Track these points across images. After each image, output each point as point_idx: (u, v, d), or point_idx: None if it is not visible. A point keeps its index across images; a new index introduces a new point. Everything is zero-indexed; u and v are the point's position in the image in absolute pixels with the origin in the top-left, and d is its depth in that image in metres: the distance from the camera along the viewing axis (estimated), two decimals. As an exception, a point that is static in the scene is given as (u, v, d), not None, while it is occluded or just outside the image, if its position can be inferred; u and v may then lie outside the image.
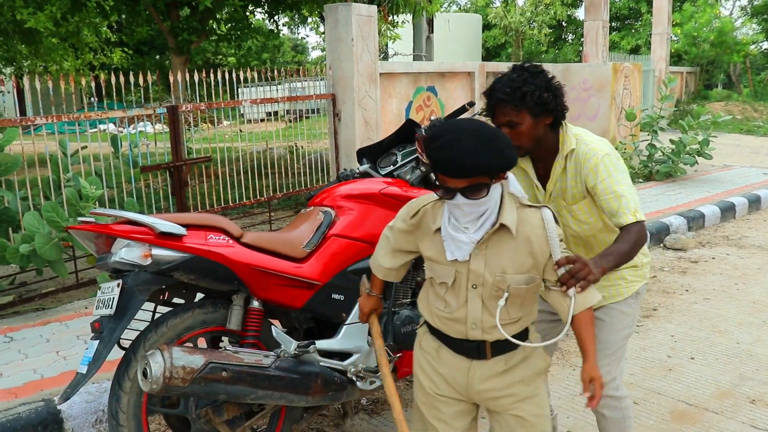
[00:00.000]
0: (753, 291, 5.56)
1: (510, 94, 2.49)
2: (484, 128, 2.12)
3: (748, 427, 3.44)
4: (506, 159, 2.09)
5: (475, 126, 2.13)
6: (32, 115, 5.24)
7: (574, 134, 2.63)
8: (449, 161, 2.06)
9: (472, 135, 2.08)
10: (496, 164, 2.07)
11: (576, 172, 2.61)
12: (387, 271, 2.53)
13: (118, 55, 15.83)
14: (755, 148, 14.72)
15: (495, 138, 2.10)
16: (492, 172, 2.09)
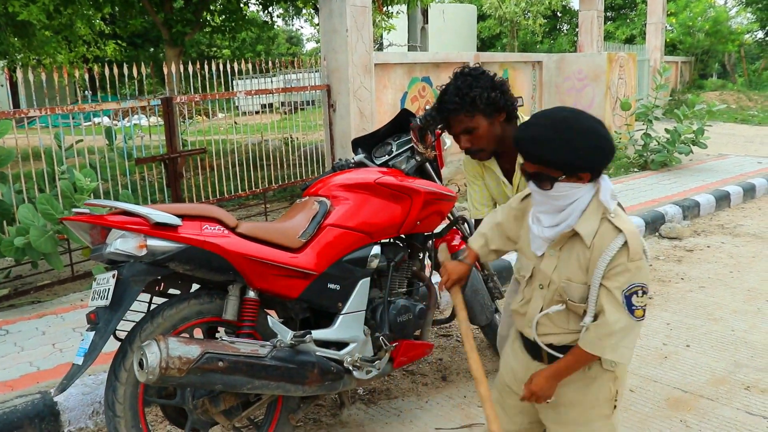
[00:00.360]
0: (748, 279, 5.57)
1: (459, 102, 2.50)
2: (571, 120, 2.02)
3: (742, 413, 3.46)
4: (579, 158, 1.97)
5: (565, 116, 2.03)
6: (26, 107, 5.20)
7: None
8: (517, 140, 2.04)
9: (551, 123, 2.01)
10: (562, 159, 1.97)
11: None
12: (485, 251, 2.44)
13: (111, 47, 15.79)
14: (750, 137, 14.74)
15: (578, 134, 1.98)
16: (559, 166, 1.98)
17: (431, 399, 3.70)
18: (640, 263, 1.96)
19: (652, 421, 3.39)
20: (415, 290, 3.44)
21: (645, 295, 1.97)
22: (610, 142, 2.02)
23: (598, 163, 2.00)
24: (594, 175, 2.03)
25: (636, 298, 1.96)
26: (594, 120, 2.04)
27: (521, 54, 12.76)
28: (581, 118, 2.02)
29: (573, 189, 2.03)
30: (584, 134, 1.99)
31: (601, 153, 1.99)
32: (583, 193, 2.04)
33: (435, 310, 3.51)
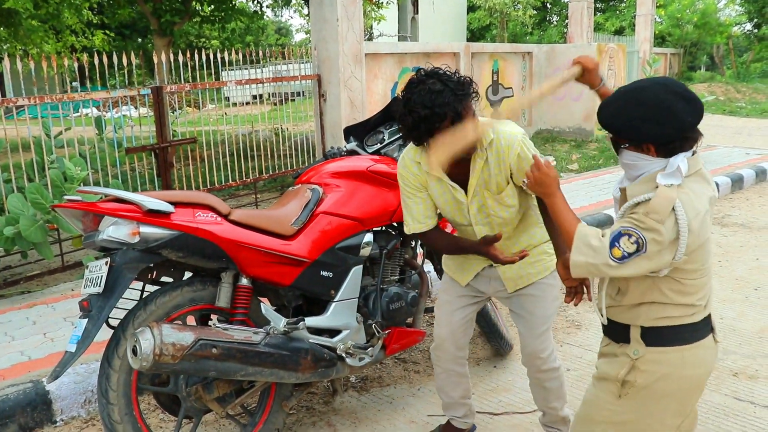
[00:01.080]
0: (736, 268, 5.62)
1: (464, 85, 2.45)
2: (641, 90, 2.00)
3: (730, 399, 3.49)
4: (632, 128, 1.98)
5: (642, 86, 2.01)
6: (13, 97, 5.16)
7: (488, 125, 2.60)
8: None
9: (623, 91, 2.03)
10: (616, 126, 2.01)
11: (499, 160, 2.59)
12: None
13: (99, 37, 15.66)
14: (738, 129, 14.82)
15: (638, 104, 1.98)
16: (615, 132, 2.03)
17: (423, 386, 3.72)
18: (651, 222, 1.90)
19: (642, 407, 3.42)
20: (408, 278, 3.45)
21: (636, 245, 1.91)
22: (679, 117, 1.95)
23: (654, 135, 1.96)
24: (660, 149, 1.98)
25: (624, 240, 1.93)
26: (673, 92, 1.97)
27: (511, 45, 12.77)
28: (654, 90, 1.98)
29: (640, 160, 2.02)
30: (645, 105, 1.97)
31: (659, 126, 1.95)
32: (653, 167, 2.01)
33: (427, 297, 3.53)
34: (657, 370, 2.04)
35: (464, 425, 3.15)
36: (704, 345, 2.07)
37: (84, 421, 3.44)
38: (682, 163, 1.96)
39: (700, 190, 1.99)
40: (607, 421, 2.14)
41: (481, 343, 4.17)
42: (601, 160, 10.26)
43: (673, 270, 1.98)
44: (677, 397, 2.08)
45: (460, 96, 2.42)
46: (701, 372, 2.08)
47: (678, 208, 1.90)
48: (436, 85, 2.43)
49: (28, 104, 5.18)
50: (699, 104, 1.98)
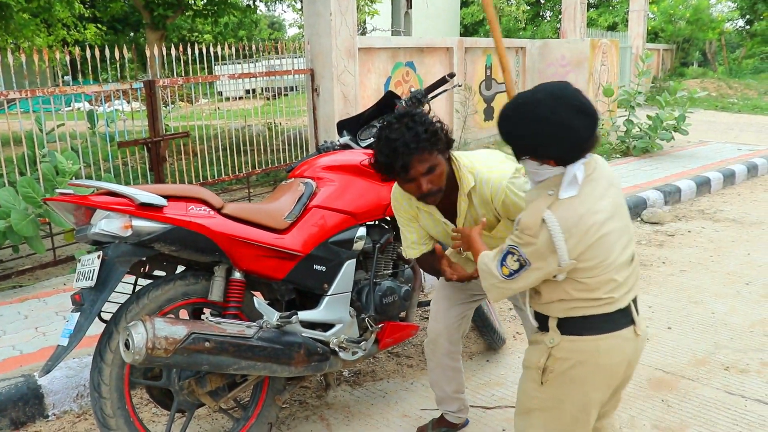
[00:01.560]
0: (727, 263, 5.64)
1: (424, 139, 2.39)
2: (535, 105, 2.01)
3: (722, 392, 3.51)
4: (528, 146, 2.04)
5: (532, 100, 2.02)
6: (4, 90, 5.13)
7: (469, 170, 2.56)
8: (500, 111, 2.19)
9: (520, 104, 2.05)
10: (516, 145, 2.09)
11: (484, 203, 2.58)
12: None
13: (92, 31, 15.58)
14: (730, 125, 14.87)
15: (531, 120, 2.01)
16: (512, 146, 2.10)
17: (416, 381, 3.72)
18: (526, 238, 2.02)
19: (634, 401, 3.44)
20: (401, 272, 3.45)
21: (518, 263, 2.05)
22: (577, 134, 1.98)
23: (553, 154, 2.01)
24: (560, 161, 2.03)
25: (509, 258, 2.07)
26: (568, 106, 1.98)
27: (505, 40, 12.75)
28: (549, 105, 1.99)
29: (540, 169, 2.07)
30: (543, 123, 1.98)
31: (558, 145, 2.00)
32: (552, 173, 2.06)
33: (420, 292, 3.53)
34: (571, 357, 2.12)
35: (457, 420, 3.15)
36: (621, 336, 2.12)
37: (76, 415, 3.43)
38: (579, 171, 2.02)
39: (589, 191, 2.03)
40: (537, 408, 2.23)
41: (474, 337, 4.17)
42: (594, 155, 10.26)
43: (572, 272, 2.04)
44: (595, 383, 2.15)
45: (411, 149, 2.38)
46: (617, 361, 2.14)
47: (548, 218, 1.98)
48: (393, 133, 2.42)
49: (20, 97, 5.16)
50: (593, 114, 2.01)
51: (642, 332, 2.18)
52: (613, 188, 2.11)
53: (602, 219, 2.02)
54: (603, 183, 2.08)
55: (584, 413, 2.18)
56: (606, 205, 2.05)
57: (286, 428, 3.27)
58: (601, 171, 2.10)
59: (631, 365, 2.21)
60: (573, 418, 2.18)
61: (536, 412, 2.23)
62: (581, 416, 2.19)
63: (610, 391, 2.22)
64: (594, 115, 2.01)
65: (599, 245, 2.02)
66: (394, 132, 2.41)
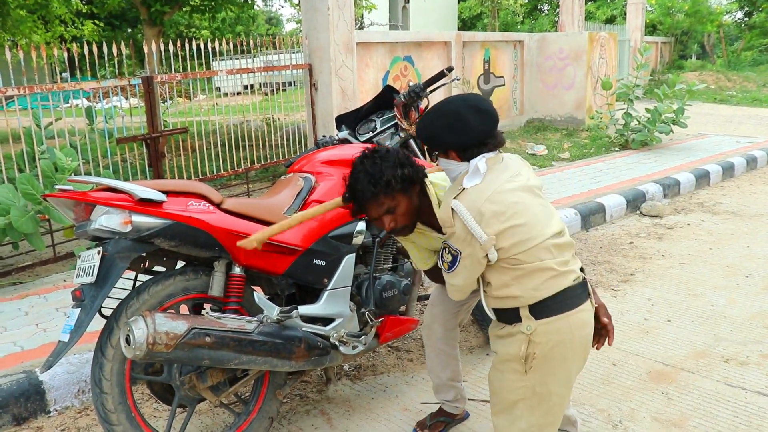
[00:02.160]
0: (727, 255, 5.65)
1: (379, 186, 2.44)
2: (443, 104, 2.37)
3: (722, 384, 3.52)
4: (432, 136, 2.38)
5: (445, 101, 2.39)
6: (3, 87, 5.13)
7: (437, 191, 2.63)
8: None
9: (436, 106, 2.41)
10: (423, 135, 2.44)
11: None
12: None
13: (89, 27, 15.54)
14: (729, 117, 14.87)
15: (438, 115, 2.36)
16: (427, 142, 2.49)
17: (417, 375, 3.73)
18: (448, 230, 2.29)
19: (634, 393, 3.45)
20: (400, 266, 3.45)
21: (450, 254, 2.31)
22: (471, 127, 2.29)
23: (452, 143, 2.33)
24: (461, 154, 2.33)
25: (444, 253, 2.36)
26: (468, 106, 2.31)
27: (503, 33, 12.76)
28: (455, 103, 2.33)
29: (451, 165, 2.37)
30: (445, 117, 2.32)
31: (455, 135, 2.31)
32: (462, 168, 2.35)
33: (420, 286, 3.53)
34: (550, 339, 2.25)
35: (455, 410, 3.16)
36: (585, 309, 2.31)
37: (78, 411, 3.44)
38: (480, 163, 2.30)
39: (492, 177, 2.28)
40: (523, 398, 2.33)
41: (473, 331, 4.18)
42: (592, 148, 10.28)
43: (503, 251, 2.22)
44: (575, 358, 2.31)
45: (367, 197, 2.47)
46: (587, 332, 2.34)
47: (455, 206, 2.23)
48: (353, 177, 2.52)
49: (18, 94, 5.15)
50: (491, 115, 2.34)
51: (595, 304, 2.40)
52: (523, 174, 2.35)
53: (512, 197, 2.24)
54: (510, 171, 2.33)
55: (567, 388, 2.36)
56: (515, 186, 2.28)
57: (287, 422, 3.27)
58: (508, 163, 2.37)
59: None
60: (559, 396, 2.33)
61: (521, 403, 2.33)
62: (566, 392, 2.35)
63: (584, 362, 2.39)
64: (492, 116, 2.33)
65: (517, 218, 2.21)
66: (355, 175, 2.52)
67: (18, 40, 13.07)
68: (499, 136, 2.35)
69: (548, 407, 2.33)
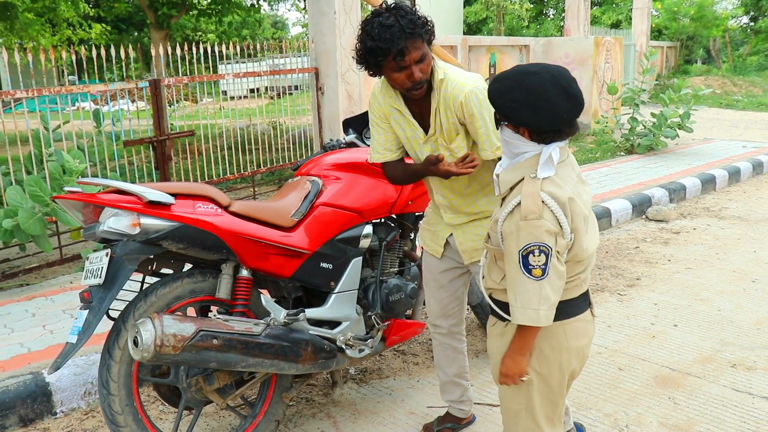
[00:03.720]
0: (733, 260, 5.64)
1: (419, 26, 2.43)
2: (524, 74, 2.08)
3: (729, 390, 3.51)
4: (508, 108, 2.07)
5: (529, 70, 2.10)
6: (12, 89, 5.15)
7: (442, 68, 2.61)
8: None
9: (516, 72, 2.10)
10: (495, 102, 2.11)
11: (446, 107, 2.60)
12: None
13: (97, 29, 15.59)
14: (735, 122, 14.84)
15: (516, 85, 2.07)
16: (499, 110, 2.13)
17: (422, 378, 3.73)
18: (533, 222, 2.00)
19: (641, 398, 3.44)
20: (407, 270, 3.46)
21: (543, 254, 2.00)
22: (555, 111, 2.01)
23: (528, 122, 2.04)
24: (534, 135, 2.07)
25: (532, 258, 2.01)
26: (557, 85, 2.02)
27: (509, 38, 12.77)
28: (541, 77, 2.03)
29: (516, 140, 2.10)
30: (528, 91, 2.02)
31: (535, 115, 2.02)
32: (528, 148, 2.10)
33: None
34: (543, 345, 2.17)
35: (461, 413, 3.15)
36: (583, 318, 2.23)
37: (84, 412, 3.44)
38: (554, 152, 2.06)
39: (565, 173, 2.10)
40: (522, 408, 2.28)
41: (480, 335, 4.18)
42: (598, 153, 10.27)
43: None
44: (568, 367, 2.23)
45: (408, 33, 2.43)
46: (584, 342, 2.25)
47: (545, 197, 2.01)
48: (388, 19, 2.45)
49: (26, 97, 5.17)
50: (579, 102, 2.05)
51: (596, 314, 2.31)
52: (582, 179, 2.20)
53: (582, 202, 2.10)
54: (576, 170, 2.18)
55: (561, 395, 2.28)
56: (586, 192, 2.16)
57: (293, 426, 3.27)
58: (572, 158, 2.20)
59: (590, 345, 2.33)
60: (553, 403, 2.27)
61: (525, 412, 2.28)
62: (560, 400, 2.28)
63: (580, 369, 2.31)
64: (580, 104, 2.05)
65: (583, 232, 2.08)
66: (388, 19, 2.44)
67: (25, 43, 13.12)
68: (577, 124, 2.12)
69: (546, 416, 2.27)
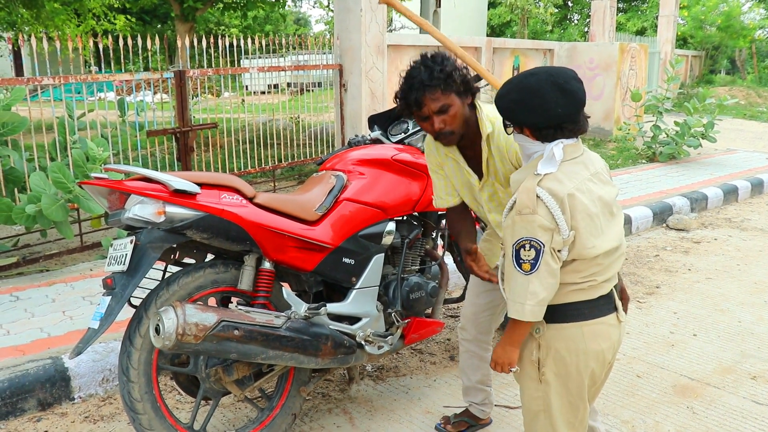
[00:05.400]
0: (755, 272, 5.58)
1: (437, 78, 2.47)
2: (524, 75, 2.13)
3: (749, 402, 3.47)
4: (508, 110, 2.13)
5: (531, 71, 2.14)
6: (39, 76, 5.19)
7: (490, 118, 2.62)
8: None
9: (521, 74, 2.15)
10: (500, 107, 2.16)
11: (501, 156, 2.62)
12: None
13: (121, 21, 15.69)
14: (759, 134, 14.69)
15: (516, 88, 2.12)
16: (501, 112, 2.18)
17: (439, 378, 3.72)
18: (527, 217, 2.01)
19: (659, 406, 3.41)
20: (428, 268, 3.45)
21: (533, 249, 2.01)
22: (548, 107, 2.04)
23: (525, 120, 2.09)
24: (534, 133, 2.11)
25: (523, 252, 2.03)
26: (553, 83, 2.05)
27: (533, 41, 12.71)
28: (539, 76, 2.08)
29: (526, 142, 2.16)
30: (525, 91, 2.07)
31: (529, 113, 2.07)
32: (536, 148, 2.14)
33: (446, 289, 3.52)
34: (560, 346, 2.12)
35: (481, 413, 3.14)
36: (605, 322, 2.15)
37: (101, 399, 3.46)
38: (556, 149, 2.08)
39: (572, 169, 2.09)
40: (540, 410, 2.22)
41: (497, 336, 4.15)
42: (619, 159, 10.20)
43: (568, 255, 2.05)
44: (586, 370, 2.15)
45: (425, 85, 2.47)
46: (605, 346, 2.16)
47: (540, 192, 2.01)
48: (414, 70, 2.53)
49: (53, 84, 5.21)
50: (576, 97, 2.07)
51: (623, 319, 2.22)
52: (602, 175, 2.17)
53: (588, 201, 2.06)
54: (591, 168, 2.14)
55: (581, 399, 2.20)
56: (595, 187, 2.10)
57: (309, 420, 3.27)
58: (589, 157, 2.18)
59: (615, 351, 2.25)
60: (575, 408, 2.20)
61: (543, 414, 2.22)
62: (581, 404, 2.21)
63: (600, 377, 2.24)
64: (577, 99, 2.08)
65: (589, 229, 2.05)
66: (415, 70, 2.53)
67: (50, 32, 13.23)
68: (582, 122, 2.13)
69: (566, 419, 2.21)
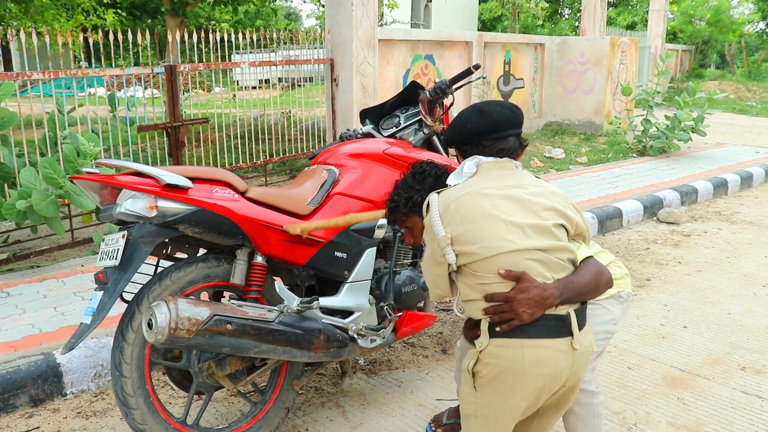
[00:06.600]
0: (744, 264, 5.62)
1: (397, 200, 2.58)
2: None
3: (738, 392, 3.50)
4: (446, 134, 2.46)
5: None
6: (28, 71, 5.16)
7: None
8: None
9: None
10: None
11: None
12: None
13: (111, 16, 15.60)
14: (748, 127, 14.77)
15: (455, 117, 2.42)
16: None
17: (432, 371, 3.73)
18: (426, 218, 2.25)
19: (649, 397, 3.43)
20: (420, 262, 3.45)
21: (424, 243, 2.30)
22: (462, 126, 2.32)
23: (447, 140, 2.43)
24: (459, 153, 2.39)
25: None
26: (475, 107, 2.34)
27: (524, 36, 12.71)
28: (472, 107, 2.36)
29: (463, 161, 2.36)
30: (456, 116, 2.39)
31: (450, 132, 2.40)
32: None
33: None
34: (498, 363, 2.04)
35: None
36: (551, 346, 2.02)
37: (94, 394, 3.46)
38: (467, 164, 2.28)
39: (479, 181, 2.21)
40: (474, 415, 2.17)
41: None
42: (610, 153, 10.23)
43: (462, 257, 2.09)
44: (523, 392, 2.05)
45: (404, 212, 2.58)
46: (546, 372, 2.02)
47: (430, 199, 2.24)
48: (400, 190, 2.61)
49: (42, 79, 5.19)
50: (489, 117, 2.28)
51: (581, 347, 2.06)
52: (525, 187, 2.18)
53: (484, 201, 2.12)
54: (510, 181, 2.20)
55: (512, 420, 2.13)
56: (496, 192, 2.14)
57: (302, 414, 3.28)
58: (516, 174, 2.25)
59: (566, 380, 2.09)
60: (503, 426, 2.14)
61: (475, 419, 2.17)
62: (510, 423, 2.14)
63: (539, 403, 2.12)
64: (491, 119, 2.28)
65: (481, 229, 2.07)
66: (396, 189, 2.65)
67: (39, 27, 13.14)
68: (504, 141, 2.24)
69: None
